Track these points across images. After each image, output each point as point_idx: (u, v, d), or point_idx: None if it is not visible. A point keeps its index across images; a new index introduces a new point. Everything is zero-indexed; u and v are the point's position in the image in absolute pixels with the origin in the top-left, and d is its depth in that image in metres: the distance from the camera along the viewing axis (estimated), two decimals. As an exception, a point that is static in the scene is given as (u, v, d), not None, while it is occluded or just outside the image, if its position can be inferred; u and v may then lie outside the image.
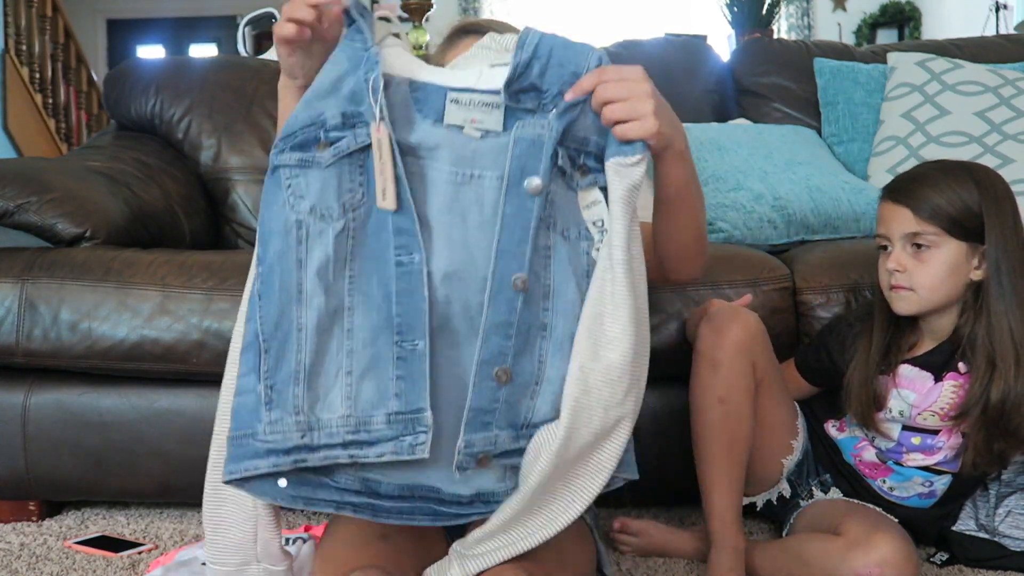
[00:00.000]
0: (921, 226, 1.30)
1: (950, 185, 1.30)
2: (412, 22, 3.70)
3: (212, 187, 2.25)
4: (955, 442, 1.37)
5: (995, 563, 1.43)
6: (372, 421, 0.96)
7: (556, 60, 0.98)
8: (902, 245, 1.32)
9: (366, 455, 0.95)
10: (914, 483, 1.41)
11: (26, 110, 5.37)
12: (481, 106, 0.98)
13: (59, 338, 1.60)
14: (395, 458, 0.95)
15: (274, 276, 0.96)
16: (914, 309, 1.34)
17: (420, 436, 0.96)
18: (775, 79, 2.39)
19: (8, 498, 1.70)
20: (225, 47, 8.97)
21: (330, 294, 0.96)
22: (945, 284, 1.31)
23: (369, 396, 0.96)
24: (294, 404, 0.95)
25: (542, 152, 0.95)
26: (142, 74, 2.33)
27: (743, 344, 1.34)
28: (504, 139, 0.98)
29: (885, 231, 1.34)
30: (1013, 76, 2.19)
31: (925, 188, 1.31)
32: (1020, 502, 1.43)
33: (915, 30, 6.45)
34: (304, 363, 0.95)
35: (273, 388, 0.95)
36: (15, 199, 1.68)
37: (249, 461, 0.95)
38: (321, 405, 0.96)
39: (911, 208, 1.30)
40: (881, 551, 1.22)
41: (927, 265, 1.30)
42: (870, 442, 1.42)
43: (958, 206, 1.29)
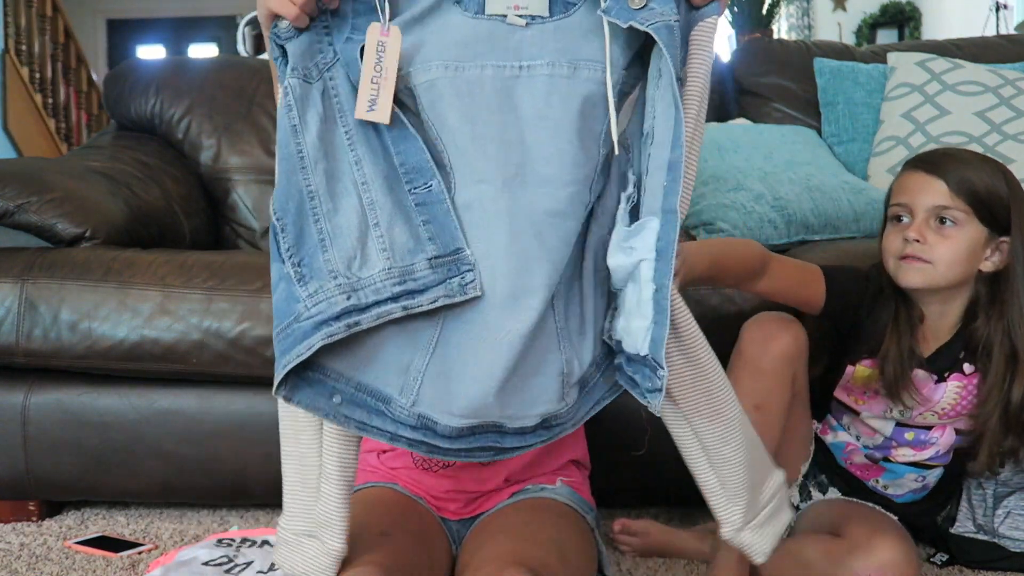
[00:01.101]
0: (953, 200, 1.28)
1: (984, 168, 1.30)
2: None
3: (212, 187, 2.25)
4: (948, 439, 1.37)
5: (995, 564, 1.43)
6: (415, 268, 0.92)
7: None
8: (926, 217, 1.29)
9: (419, 303, 0.91)
10: (907, 480, 1.41)
11: (26, 110, 5.37)
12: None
13: (59, 338, 1.60)
14: (448, 301, 0.91)
15: (280, 154, 0.94)
16: (924, 282, 1.30)
17: (467, 276, 0.91)
18: (775, 79, 2.39)
19: (8, 498, 1.70)
20: (225, 47, 8.98)
21: (331, 152, 0.93)
22: (962, 264, 1.29)
23: (404, 242, 0.92)
24: (329, 269, 0.91)
25: (676, 39, 0.89)
26: (142, 74, 2.33)
27: (790, 355, 1.32)
28: (551, 25, 0.92)
29: (909, 201, 1.31)
30: (1013, 76, 2.19)
31: (961, 165, 1.29)
32: (1019, 503, 1.43)
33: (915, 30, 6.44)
34: (326, 227, 0.92)
35: (302, 263, 0.92)
36: (15, 199, 1.68)
37: (299, 344, 0.90)
38: (359, 263, 0.92)
39: (945, 180, 1.28)
40: (882, 554, 1.22)
41: (949, 240, 1.28)
42: (857, 443, 1.42)
43: (991, 190, 1.28)
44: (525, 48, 0.93)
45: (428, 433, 0.94)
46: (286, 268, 0.93)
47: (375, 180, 0.93)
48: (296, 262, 0.92)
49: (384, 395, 0.94)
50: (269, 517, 1.71)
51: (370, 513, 1.21)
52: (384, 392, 0.94)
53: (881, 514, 1.38)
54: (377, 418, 0.95)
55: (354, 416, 0.94)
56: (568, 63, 0.93)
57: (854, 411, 1.41)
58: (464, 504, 1.28)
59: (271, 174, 2.27)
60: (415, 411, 0.94)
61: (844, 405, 1.42)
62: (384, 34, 0.91)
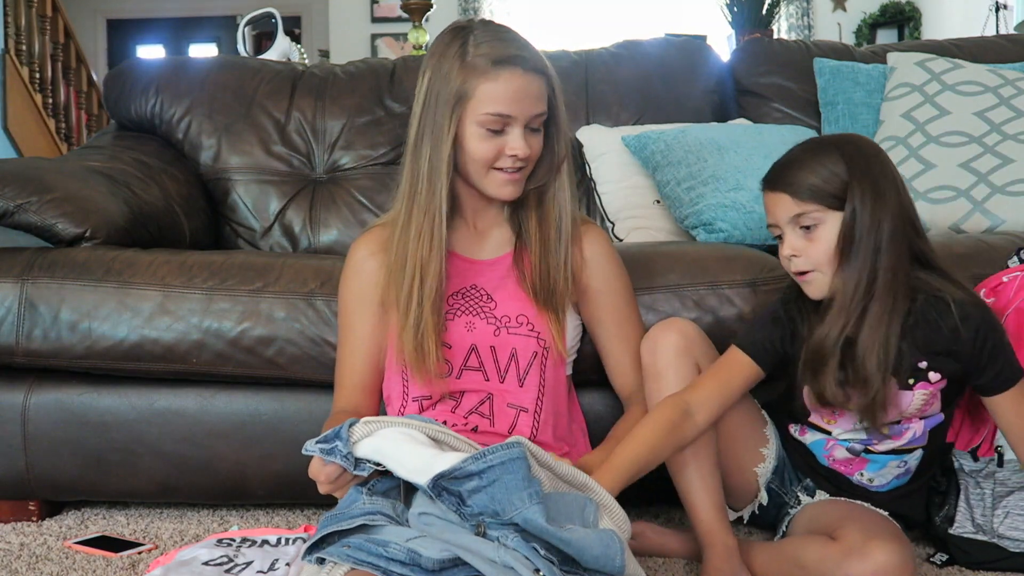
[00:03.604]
0: (801, 207, 1.32)
1: (819, 161, 1.33)
2: (412, 22, 3.70)
3: (212, 187, 2.25)
4: (920, 430, 1.38)
5: (995, 564, 1.43)
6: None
7: (497, 488, 1.04)
8: (791, 229, 1.34)
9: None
10: (890, 468, 1.42)
11: (26, 110, 5.36)
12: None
13: (59, 338, 1.60)
14: None
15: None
16: (825, 290, 1.33)
17: None
18: (775, 79, 2.39)
19: (8, 498, 1.70)
20: (225, 47, 8.97)
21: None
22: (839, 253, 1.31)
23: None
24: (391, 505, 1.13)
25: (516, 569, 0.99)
26: (142, 74, 2.33)
27: (680, 348, 1.37)
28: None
29: (773, 220, 1.37)
30: (1013, 76, 2.19)
31: (796, 170, 1.33)
32: (1019, 503, 1.43)
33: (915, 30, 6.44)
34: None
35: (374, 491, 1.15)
36: (15, 199, 1.68)
37: (344, 520, 1.08)
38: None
39: (788, 192, 1.33)
40: (877, 559, 1.21)
41: (818, 242, 1.32)
42: (836, 440, 1.43)
43: (828, 179, 1.31)
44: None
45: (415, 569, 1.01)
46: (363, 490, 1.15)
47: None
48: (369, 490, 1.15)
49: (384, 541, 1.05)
50: (269, 517, 1.71)
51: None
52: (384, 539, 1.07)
53: (877, 516, 1.38)
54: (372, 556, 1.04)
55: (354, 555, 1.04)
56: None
57: (827, 431, 1.43)
58: None
59: (271, 174, 2.27)
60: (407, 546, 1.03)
61: (817, 427, 1.44)
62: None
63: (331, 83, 2.36)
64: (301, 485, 1.27)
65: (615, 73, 2.37)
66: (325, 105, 2.32)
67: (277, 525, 1.66)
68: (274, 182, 2.25)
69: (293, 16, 7.68)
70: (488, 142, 1.32)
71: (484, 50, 1.32)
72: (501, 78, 1.31)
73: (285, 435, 1.64)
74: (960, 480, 1.47)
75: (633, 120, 2.31)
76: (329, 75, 2.39)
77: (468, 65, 1.31)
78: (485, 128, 1.32)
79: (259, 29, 3.54)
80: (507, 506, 1.03)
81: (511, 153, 1.32)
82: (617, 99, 2.33)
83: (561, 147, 1.39)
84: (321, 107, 2.32)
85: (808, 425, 1.45)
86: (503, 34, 1.35)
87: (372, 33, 6.57)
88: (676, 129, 2.12)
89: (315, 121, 2.31)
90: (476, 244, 1.44)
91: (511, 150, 1.32)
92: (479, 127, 1.32)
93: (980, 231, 1.95)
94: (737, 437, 1.44)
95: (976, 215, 1.99)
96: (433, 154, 1.34)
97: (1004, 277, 1.53)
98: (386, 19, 6.54)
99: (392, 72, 2.39)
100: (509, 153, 1.33)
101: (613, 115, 2.32)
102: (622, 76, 2.36)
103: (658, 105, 2.32)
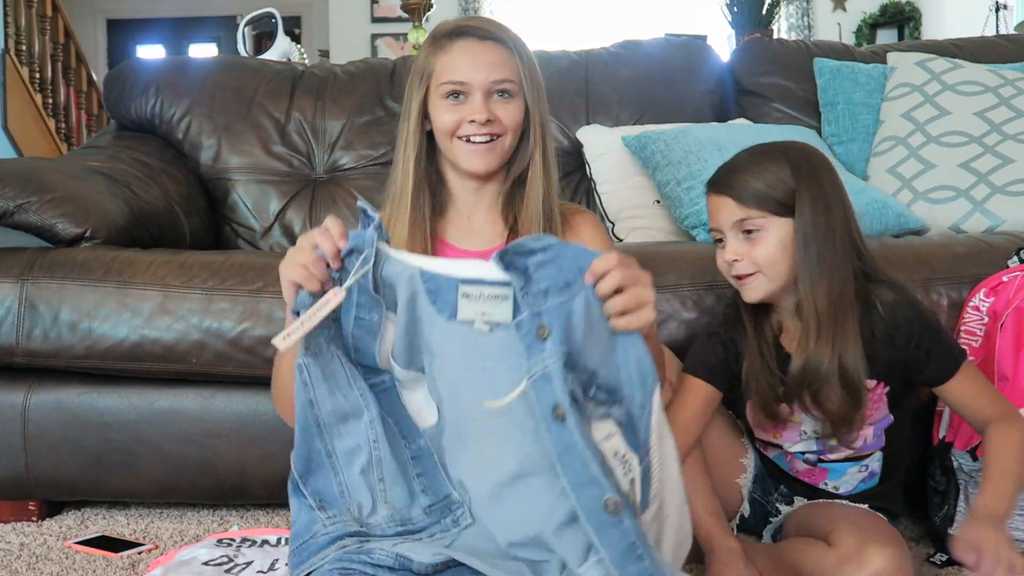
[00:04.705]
0: (745, 212, 1.33)
1: (765, 167, 1.33)
2: (412, 22, 3.70)
3: (212, 187, 2.25)
4: (871, 434, 1.39)
5: (995, 564, 1.43)
6: (412, 516, 1.06)
7: (558, 263, 0.97)
8: (734, 234, 1.34)
9: (419, 537, 1.05)
10: (850, 474, 1.42)
11: (26, 110, 5.36)
12: (491, 299, 0.99)
13: (59, 338, 1.60)
14: (443, 533, 1.04)
15: (298, 421, 1.05)
16: (763, 293, 1.34)
17: (458, 512, 1.05)
18: (775, 79, 2.39)
19: (8, 498, 1.70)
20: (225, 47, 8.97)
21: (346, 416, 1.04)
22: (782, 260, 1.32)
23: (402, 499, 1.05)
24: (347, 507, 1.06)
25: (552, 382, 0.95)
26: (142, 74, 2.34)
27: None
28: (512, 333, 0.98)
29: (715, 224, 1.37)
30: (1013, 76, 2.19)
31: (742, 175, 1.34)
32: (1018, 503, 1.43)
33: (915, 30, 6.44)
34: (344, 480, 1.06)
35: (323, 500, 1.06)
36: (15, 199, 1.68)
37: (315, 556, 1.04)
38: (368, 511, 1.06)
39: (732, 197, 1.33)
40: (873, 564, 1.21)
41: (760, 244, 1.33)
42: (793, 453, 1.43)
43: (774, 185, 1.32)
44: (490, 352, 1.00)
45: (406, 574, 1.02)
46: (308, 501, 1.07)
47: (383, 438, 1.05)
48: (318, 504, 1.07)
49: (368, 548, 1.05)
50: (269, 517, 1.71)
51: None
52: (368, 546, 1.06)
53: (871, 517, 1.37)
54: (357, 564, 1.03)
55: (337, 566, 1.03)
56: (520, 371, 0.98)
57: (778, 446, 1.44)
58: None
59: (271, 174, 2.27)
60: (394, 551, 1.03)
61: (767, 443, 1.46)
62: (336, 295, 1.01)
63: (331, 83, 2.36)
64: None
65: (615, 73, 2.37)
66: (325, 105, 2.32)
67: (277, 525, 1.66)
68: (274, 182, 2.26)
69: (293, 16, 7.68)
70: (450, 112, 1.35)
71: (446, 27, 1.37)
72: (455, 48, 1.35)
73: (285, 435, 1.62)
74: (960, 480, 1.47)
75: (633, 120, 2.31)
76: (329, 75, 2.39)
77: (432, 45, 1.37)
78: (446, 98, 1.35)
79: (259, 29, 3.54)
80: (574, 274, 0.96)
81: (470, 119, 1.33)
82: (617, 99, 2.33)
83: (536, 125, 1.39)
84: (321, 107, 2.32)
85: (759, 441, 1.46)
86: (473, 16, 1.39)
87: (372, 33, 6.57)
88: (676, 129, 2.12)
89: (315, 121, 2.31)
90: (470, 235, 1.45)
91: (470, 115, 1.33)
92: (442, 99, 1.35)
93: (980, 231, 1.95)
94: (717, 451, 1.45)
95: (976, 215, 1.99)
96: (405, 128, 1.39)
97: (1004, 277, 1.53)
98: (386, 19, 6.54)
99: (392, 72, 2.39)
100: (468, 119, 1.34)
101: (613, 115, 2.32)
102: (622, 76, 2.36)
103: (658, 105, 2.32)
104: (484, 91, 1.34)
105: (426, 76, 1.36)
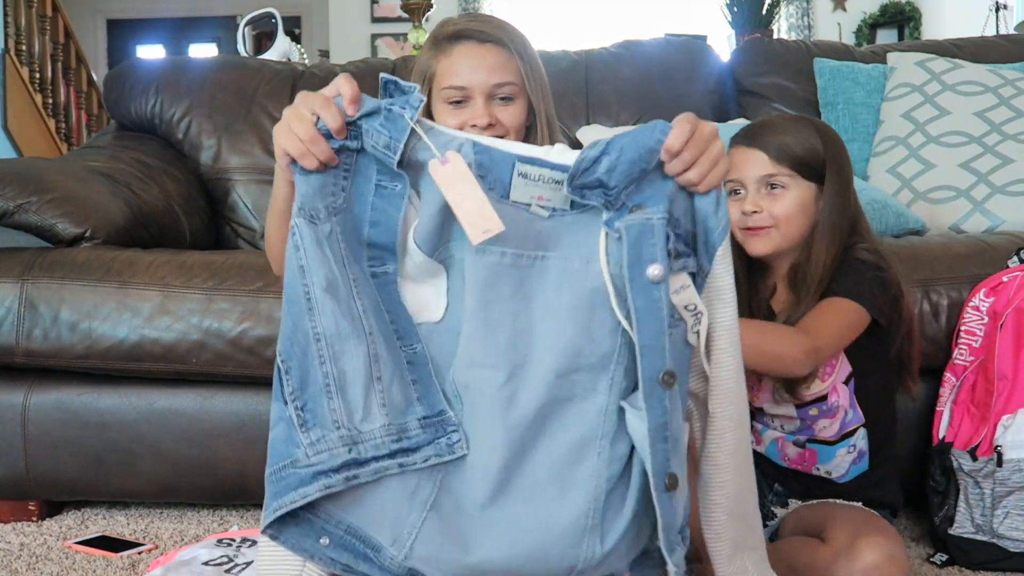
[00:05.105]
0: (776, 168, 1.39)
1: (800, 131, 1.41)
2: (412, 22, 3.70)
3: (212, 187, 2.25)
4: (845, 399, 1.39)
5: (995, 565, 1.43)
6: (408, 427, 0.94)
7: (627, 157, 0.90)
8: (756, 187, 1.40)
9: (414, 461, 0.93)
10: (841, 455, 1.42)
11: (26, 110, 5.36)
12: (551, 184, 0.92)
13: (59, 338, 1.60)
14: (439, 460, 0.93)
15: (286, 294, 0.94)
16: (771, 248, 1.40)
17: (453, 436, 0.94)
18: (775, 79, 2.39)
19: (8, 498, 1.70)
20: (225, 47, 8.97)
21: (339, 296, 0.93)
22: (799, 220, 1.39)
23: (399, 402, 0.94)
24: (333, 419, 0.92)
25: (655, 237, 0.88)
26: (142, 74, 2.34)
27: None
28: (569, 218, 0.93)
29: (739, 176, 1.42)
30: (1013, 76, 2.19)
31: (778, 133, 1.41)
32: (1018, 503, 1.43)
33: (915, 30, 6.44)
34: (332, 373, 0.92)
35: (305, 408, 0.92)
36: (15, 199, 1.68)
37: (294, 492, 0.91)
38: (361, 416, 0.92)
39: (765, 151, 1.40)
40: (865, 558, 1.21)
41: (781, 200, 1.39)
42: (783, 432, 1.43)
43: (808, 149, 1.40)
44: (543, 239, 0.94)
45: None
46: (288, 411, 0.93)
47: (380, 334, 0.93)
48: (299, 406, 0.93)
49: (374, 543, 0.94)
50: (269, 517, 1.71)
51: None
52: (375, 540, 0.94)
53: (862, 513, 1.38)
54: (364, 563, 0.94)
55: (340, 559, 0.94)
56: (580, 257, 0.93)
57: (759, 408, 1.45)
58: None
59: (271, 174, 2.26)
60: (406, 564, 0.94)
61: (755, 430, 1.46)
62: (446, 163, 0.91)
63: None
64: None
65: (615, 73, 2.37)
66: (325, 105, 2.32)
67: None
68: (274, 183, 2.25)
69: (293, 16, 7.68)
70: (452, 117, 1.33)
71: (448, 30, 1.36)
72: (455, 51, 1.34)
73: (285, 435, 1.64)
74: (959, 480, 1.47)
75: (633, 120, 2.31)
76: (329, 75, 2.39)
77: (433, 47, 1.36)
78: (448, 103, 1.34)
79: (259, 29, 3.54)
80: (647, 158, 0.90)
81: (472, 123, 1.33)
82: (617, 99, 2.33)
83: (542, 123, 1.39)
84: (321, 107, 2.32)
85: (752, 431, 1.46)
86: (474, 15, 1.38)
87: (372, 33, 6.57)
88: (676, 129, 2.12)
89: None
90: None
91: (471, 119, 1.33)
92: (444, 103, 1.34)
93: (980, 231, 1.95)
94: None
95: (976, 215, 1.99)
96: None
97: (1004, 277, 1.53)
98: (386, 19, 6.53)
99: (392, 72, 2.39)
100: (470, 123, 1.33)
101: (613, 115, 2.32)
102: (622, 76, 2.36)
103: (658, 105, 2.32)
104: (485, 95, 1.33)
105: (428, 79, 1.36)
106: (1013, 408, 1.44)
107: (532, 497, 0.93)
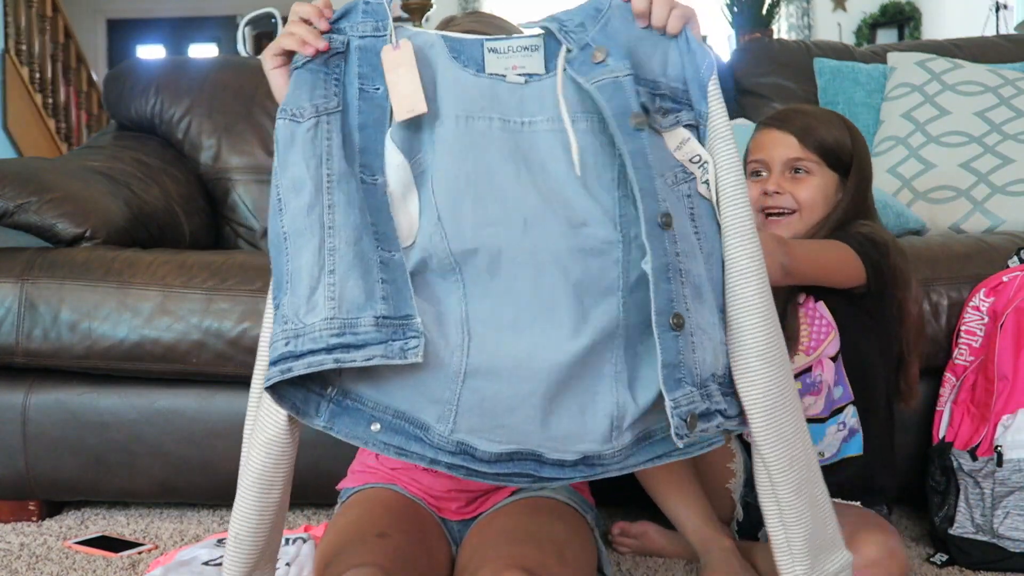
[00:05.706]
0: (805, 152, 1.42)
1: (831, 122, 1.46)
2: (412, 22, 3.70)
3: (212, 187, 2.25)
4: (830, 374, 1.38)
5: (995, 565, 1.43)
6: (359, 323, 0.91)
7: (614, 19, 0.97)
8: (781, 170, 1.43)
9: (353, 359, 0.90)
10: (831, 434, 1.41)
11: (26, 110, 5.37)
12: (520, 51, 0.97)
13: (59, 338, 1.60)
14: (385, 362, 0.90)
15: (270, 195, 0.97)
16: (792, 233, 1.41)
17: (411, 342, 0.91)
18: (775, 79, 2.39)
19: (8, 498, 1.70)
20: (225, 47, 8.98)
21: (303, 192, 0.94)
22: (820, 205, 1.42)
23: (355, 296, 0.91)
24: (283, 313, 0.93)
25: (625, 91, 0.93)
26: (142, 74, 2.34)
27: None
28: (548, 81, 0.96)
29: (765, 157, 1.44)
30: (1013, 76, 2.19)
31: (810, 120, 1.45)
32: (1019, 503, 1.43)
33: (915, 30, 6.44)
34: (291, 268, 0.94)
35: (279, 306, 0.94)
36: (15, 199, 1.68)
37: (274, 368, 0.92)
38: (306, 309, 0.92)
39: (796, 136, 1.42)
40: (863, 553, 1.21)
41: (805, 184, 1.42)
42: None
43: (837, 139, 1.43)
44: (526, 105, 0.96)
45: (467, 458, 0.94)
46: (274, 302, 0.96)
47: (343, 229, 0.93)
48: (276, 305, 0.95)
49: (422, 422, 0.94)
50: (269, 517, 1.71)
51: (368, 514, 1.21)
52: (422, 419, 0.94)
53: (863, 511, 1.37)
54: (416, 444, 0.95)
55: (393, 442, 0.94)
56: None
57: None
58: (464, 504, 1.28)
59: (270, 174, 2.27)
60: (454, 438, 0.94)
61: None
62: (396, 49, 0.95)
63: (331, 83, 2.36)
64: (301, 485, 1.27)
65: (615, 73, 2.37)
66: (325, 105, 2.32)
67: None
68: (274, 182, 2.25)
69: (293, 16, 7.66)
70: None
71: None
72: None
73: (285, 435, 1.64)
74: (960, 480, 1.47)
75: (633, 120, 2.31)
76: (329, 75, 2.39)
77: None
78: None
79: (259, 29, 3.54)
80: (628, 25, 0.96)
81: None
82: (617, 99, 2.33)
83: None
84: (321, 107, 2.32)
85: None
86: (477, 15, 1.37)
87: (372, 33, 6.56)
88: (676, 129, 2.12)
89: (315, 121, 2.31)
90: None
91: None
92: None
93: (980, 231, 1.95)
94: (704, 458, 1.44)
95: (976, 215, 1.99)
96: None
97: (1004, 277, 1.53)
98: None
99: (392, 72, 2.39)
100: None
101: (613, 115, 2.32)
102: (622, 76, 2.36)
103: (658, 105, 2.32)
104: None
105: None
106: (1013, 408, 1.44)
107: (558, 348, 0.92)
